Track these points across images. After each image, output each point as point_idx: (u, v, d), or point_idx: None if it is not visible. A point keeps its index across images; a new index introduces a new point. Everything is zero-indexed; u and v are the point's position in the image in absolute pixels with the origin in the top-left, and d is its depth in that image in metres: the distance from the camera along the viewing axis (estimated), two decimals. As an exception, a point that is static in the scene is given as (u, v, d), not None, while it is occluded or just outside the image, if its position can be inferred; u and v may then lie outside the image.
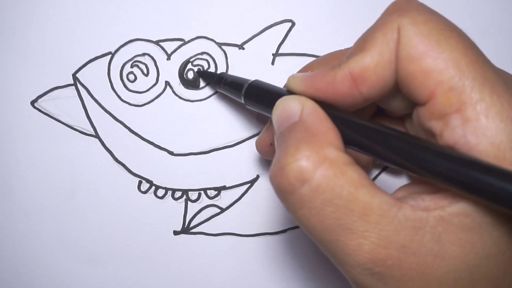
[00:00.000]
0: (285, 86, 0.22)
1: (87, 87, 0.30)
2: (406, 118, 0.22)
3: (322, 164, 0.17)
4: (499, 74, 0.17)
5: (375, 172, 0.30)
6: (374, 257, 0.17)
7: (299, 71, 0.25)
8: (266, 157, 0.27)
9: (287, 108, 0.20)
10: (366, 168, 0.29)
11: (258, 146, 0.27)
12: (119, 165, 0.30)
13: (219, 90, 0.29)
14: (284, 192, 0.18)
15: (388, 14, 0.19)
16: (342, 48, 0.27)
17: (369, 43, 0.19)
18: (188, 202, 0.30)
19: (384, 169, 0.30)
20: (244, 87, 0.25)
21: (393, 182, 0.30)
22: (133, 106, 0.30)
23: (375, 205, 0.17)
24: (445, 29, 0.18)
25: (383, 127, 0.18)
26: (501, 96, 0.17)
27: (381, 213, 0.17)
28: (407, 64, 0.18)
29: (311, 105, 0.20)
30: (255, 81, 0.25)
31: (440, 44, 0.17)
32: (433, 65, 0.17)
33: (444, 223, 0.17)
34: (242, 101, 0.25)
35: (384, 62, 0.18)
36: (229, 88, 0.27)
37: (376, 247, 0.17)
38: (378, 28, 0.19)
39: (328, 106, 0.20)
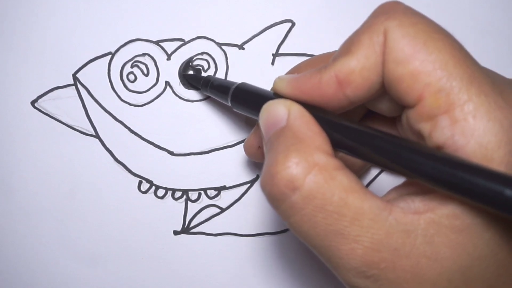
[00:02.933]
0: (272, 88, 0.22)
1: (87, 87, 0.30)
2: (398, 119, 0.22)
3: (312, 170, 0.17)
4: (487, 74, 0.18)
5: (374, 173, 0.30)
6: (367, 261, 0.17)
7: (287, 73, 0.25)
8: (255, 160, 0.27)
9: (273, 113, 0.20)
10: (362, 170, 0.28)
11: (246, 149, 0.27)
12: (119, 165, 0.30)
13: (206, 93, 0.29)
14: (275, 200, 0.18)
15: (375, 16, 0.19)
16: (330, 52, 0.27)
17: (355, 46, 0.19)
18: (188, 202, 0.30)
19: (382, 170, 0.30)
20: (231, 90, 0.25)
21: (393, 182, 0.30)
22: (133, 106, 0.30)
23: (366, 210, 0.17)
24: (432, 31, 0.18)
25: (370, 129, 0.18)
26: (489, 95, 0.17)
27: (373, 217, 0.17)
28: (394, 67, 0.18)
29: (297, 109, 0.20)
30: (242, 83, 0.25)
31: (427, 46, 0.17)
32: (420, 67, 0.17)
33: (435, 225, 0.17)
34: (229, 104, 0.25)
35: (370, 65, 0.18)
36: (215, 91, 0.27)
37: (369, 251, 0.17)
38: (364, 31, 0.19)
39: (316, 109, 0.20)
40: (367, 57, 0.18)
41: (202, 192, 0.31)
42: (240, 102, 0.24)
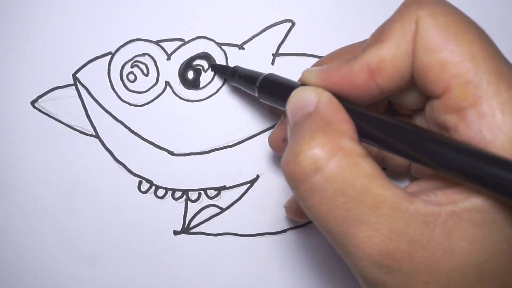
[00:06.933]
0: (299, 80, 0.22)
1: (87, 87, 0.30)
2: (416, 116, 0.22)
3: (337, 153, 0.17)
4: None
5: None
6: (383, 250, 0.17)
7: (312, 66, 0.25)
8: (279, 153, 0.27)
9: (303, 98, 0.20)
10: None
11: (271, 141, 0.27)
12: (119, 165, 0.30)
13: (233, 84, 0.29)
14: (295, 180, 0.18)
15: (406, 5, 0.19)
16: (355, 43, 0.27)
17: (387, 34, 0.19)
18: (188, 202, 0.30)
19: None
20: (258, 81, 0.25)
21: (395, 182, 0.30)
22: (133, 106, 0.30)
23: (387, 198, 0.17)
24: (463, 22, 0.18)
25: (398, 121, 0.18)
26: None
27: (393, 206, 0.17)
28: (423, 55, 0.18)
29: (327, 96, 0.20)
30: (270, 74, 0.25)
31: (458, 37, 0.17)
32: (449, 58, 0.17)
33: (456, 218, 0.17)
34: (256, 95, 0.25)
35: (401, 53, 0.18)
36: (243, 81, 0.27)
37: (386, 240, 0.17)
38: (396, 20, 0.19)
39: (344, 100, 0.20)
40: (398, 45, 0.18)
41: (202, 192, 0.30)
42: (267, 92, 0.24)
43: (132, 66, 0.30)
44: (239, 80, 0.27)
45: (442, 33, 0.17)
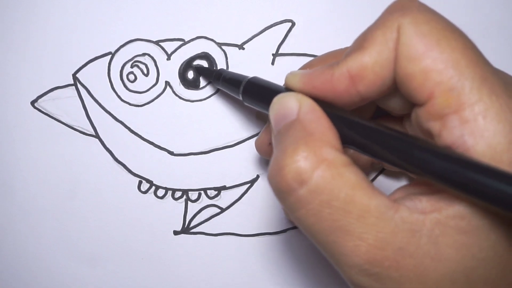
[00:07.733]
0: (284, 83, 0.22)
1: (87, 87, 0.30)
2: (406, 118, 0.22)
3: (320, 165, 0.17)
4: (498, 75, 0.17)
5: (372, 175, 0.30)
6: (371, 258, 0.17)
7: (299, 69, 0.25)
8: (266, 157, 0.27)
9: (284, 106, 0.20)
10: (365, 170, 0.28)
11: (257, 145, 0.27)
12: (119, 165, 0.30)
13: (218, 87, 0.29)
14: (282, 193, 0.18)
15: (389, 13, 0.19)
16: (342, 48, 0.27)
17: (368, 41, 0.19)
18: (188, 202, 0.30)
19: (381, 171, 0.30)
20: (243, 84, 0.25)
21: (391, 184, 0.30)
22: (133, 106, 0.30)
23: (372, 207, 0.17)
24: (445, 29, 0.18)
25: (381, 126, 0.18)
26: (500, 97, 0.17)
27: (378, 215, 0.17)
28: (406, 63, 0.18)
29: (309, 103, 0.20)
30: (254, 78, 0.25)
31: (440, 45, 0.17)
32: (432, 65, 0.17)
33: (441, 226, 0.17)
34: (240, 98, 0.25)
35: (382, 61, 0.18)
36: (227, 84, 0.27)
37: (373, 249, 0.17)
38: (378, 27, 0.19)
39: (327, 104, 0.20)
40: (380, 53, 0.18)
41: (202, 192, 0.31)
42: (251, 96, 0.24)
43: (132, 66, 0.30)
44: (223, 83, 0.27)
45: (424, 40, 0.17)
